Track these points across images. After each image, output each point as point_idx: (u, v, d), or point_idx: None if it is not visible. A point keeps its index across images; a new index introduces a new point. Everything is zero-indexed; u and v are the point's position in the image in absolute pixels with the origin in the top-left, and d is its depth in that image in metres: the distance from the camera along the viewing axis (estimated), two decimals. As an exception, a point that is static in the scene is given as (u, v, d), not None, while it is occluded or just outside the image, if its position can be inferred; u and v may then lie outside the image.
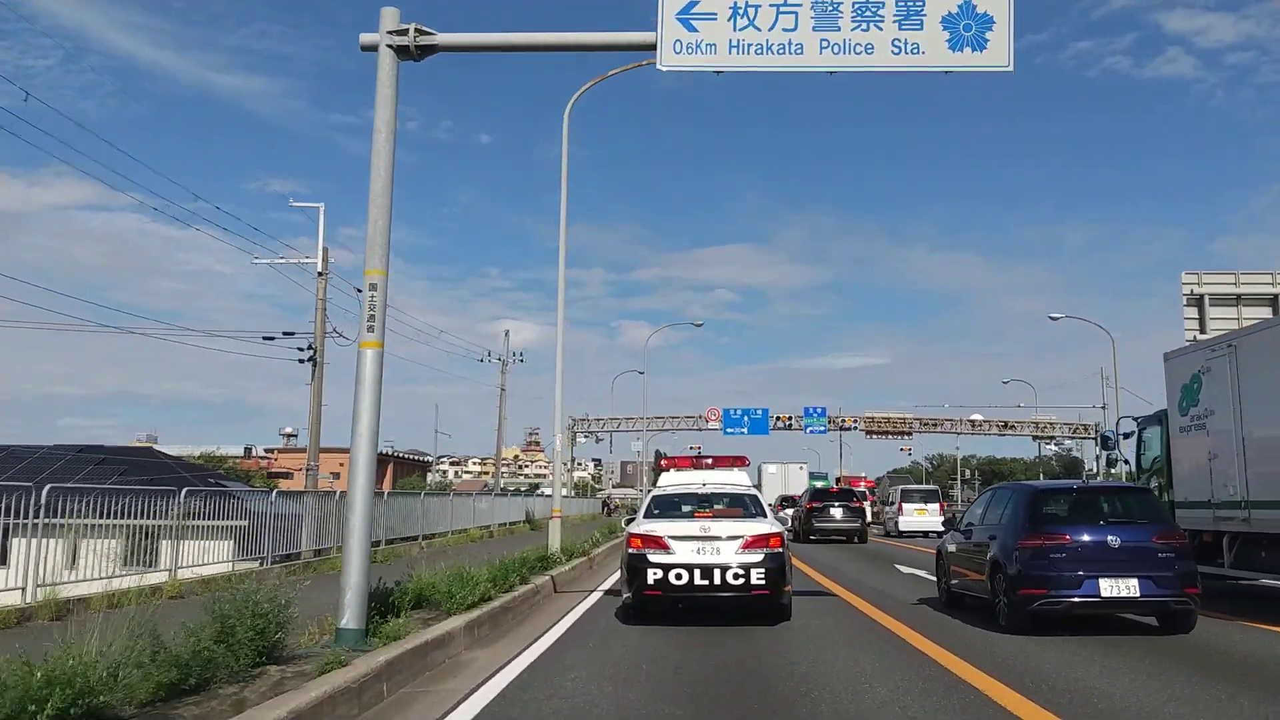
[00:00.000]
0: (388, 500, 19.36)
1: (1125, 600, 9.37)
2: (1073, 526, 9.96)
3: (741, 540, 9.59)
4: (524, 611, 10.42)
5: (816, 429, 64.67)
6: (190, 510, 12.59)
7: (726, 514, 10.59)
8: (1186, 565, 9.64)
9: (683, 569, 9.41)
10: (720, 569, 9.41)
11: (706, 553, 9.53)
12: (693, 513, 10.66)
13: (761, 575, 9.39)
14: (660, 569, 9.44)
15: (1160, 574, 9.42)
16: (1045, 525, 10.00)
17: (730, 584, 9.37)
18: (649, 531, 9.78)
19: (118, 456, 35.42)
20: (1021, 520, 10.15)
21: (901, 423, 66.41)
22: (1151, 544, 9.65)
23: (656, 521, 10.18)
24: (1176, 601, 9.49)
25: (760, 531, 9.72)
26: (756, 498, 11.26)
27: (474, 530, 25.67)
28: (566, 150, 16.90)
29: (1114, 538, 9.63)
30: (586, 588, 13.68)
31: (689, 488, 11.57)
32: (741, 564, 9.43)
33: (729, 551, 9.52)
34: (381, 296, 7.72)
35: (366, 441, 7.45)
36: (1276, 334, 11.69)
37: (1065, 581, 9.41)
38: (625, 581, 9.83)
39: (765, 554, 9.51)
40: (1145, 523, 10.03)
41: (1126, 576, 9.35)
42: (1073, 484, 12.73)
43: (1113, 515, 10.25)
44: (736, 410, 62.84)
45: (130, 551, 11.58)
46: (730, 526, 9.82)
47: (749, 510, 10.77)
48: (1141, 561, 9.46)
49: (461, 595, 8.50)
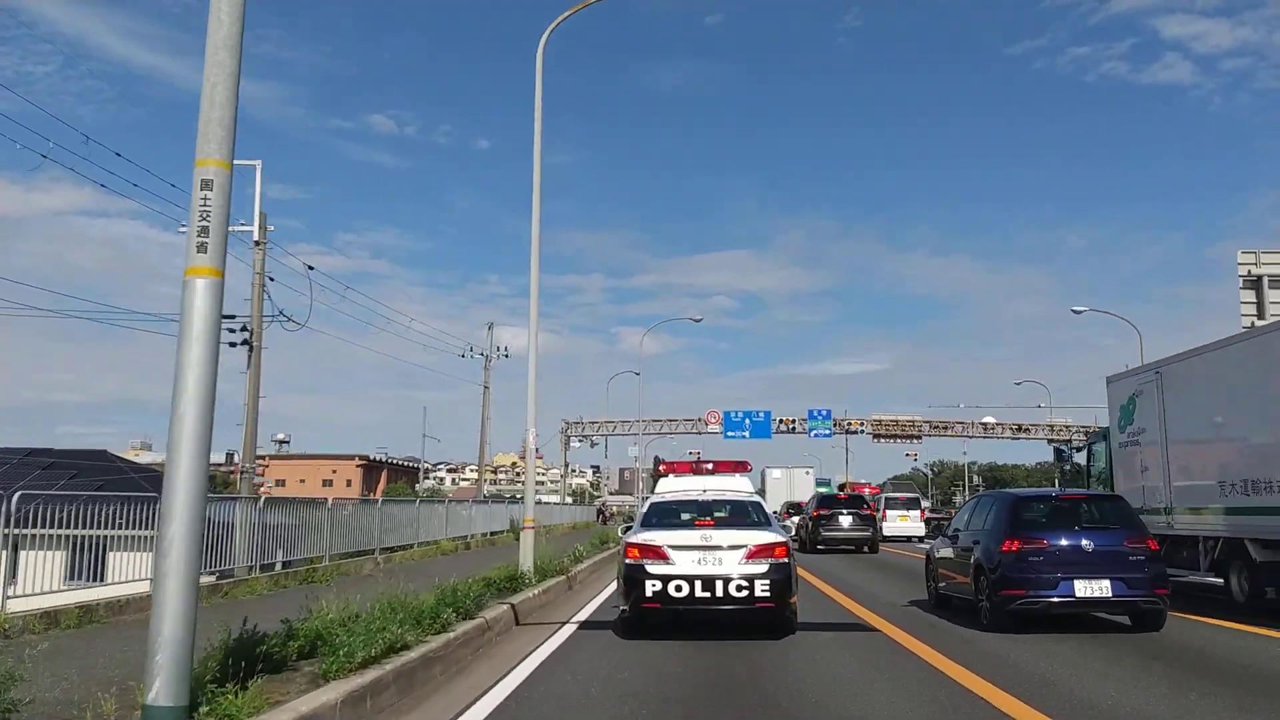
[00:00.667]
0: (331, 510, 16.50)
1: (1098, 600, 10.15)
2: (1050, 531, 10.70)
3: (745, 550, 9.36)
4: (462, 660, 7.88)
5: (821, 432, 61.94)
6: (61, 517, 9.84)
7: (728, 522, 10.36)
8: (1156, 568, 10.38)
9: (683, 580, 9.19)
10: (722, 580, 9.16)
11: (708, 563, 9.30)
12: (693, 521, 10.39)
13: (766, 587, 9.13)
14: (659, 580, 9.20)
15: (1131, 576, 10.18)
16: (1024, 530, 10.69)
17: (733, 596, 9.10)
18: (647, 541, 9.55)
19: (67, 460, 32.85)
20: (1003, 526, 10.90)
21: (910, 425, 63.61)
22: (1123, 548, 10.40)
23: (655, 530, 9.88)
24: (1146, 602, 10.23)
25: (764, 541, 9.49)
26: (760, 505, 11.04)
27: (446, 542, 22.82)
28: (540, 91, 14.27)
29: (1088, 542, 10.46)
30: (558, 617, 11.26)
31: (689, 495, 11.38)
32: (745, 575, 9.19)
33: (731, 562, 9.29)
34: (220, 200, 5.21)
35: (195, 413, 4.93)
36: (1193, 364, 13.60)
37: (1043, 583, 10.17)
38: (622, 593, 9.53)
39: (770, 564, 9.28)
40: (1117, 528, 10.80)
41: (1100, 578, 10.12)
42: (1051, 492, 13.89)
43: (1087, 521, 11.14)
44: (737, 413, 60.13)
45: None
46: (733, 535, 9.58)
47: (752, 519, 10.53)
48: (1114, 564, 10.22)
49: (351, 647, 5.65)
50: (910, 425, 63.83)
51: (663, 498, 11.40)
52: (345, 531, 16.77)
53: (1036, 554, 10.37)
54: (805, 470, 49.35)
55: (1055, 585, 10.15)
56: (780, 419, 61.61)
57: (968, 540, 11.82)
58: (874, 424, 63.89)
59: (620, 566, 9.68)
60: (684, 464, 13.78)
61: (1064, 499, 12.06)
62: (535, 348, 14.51)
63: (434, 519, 23.00)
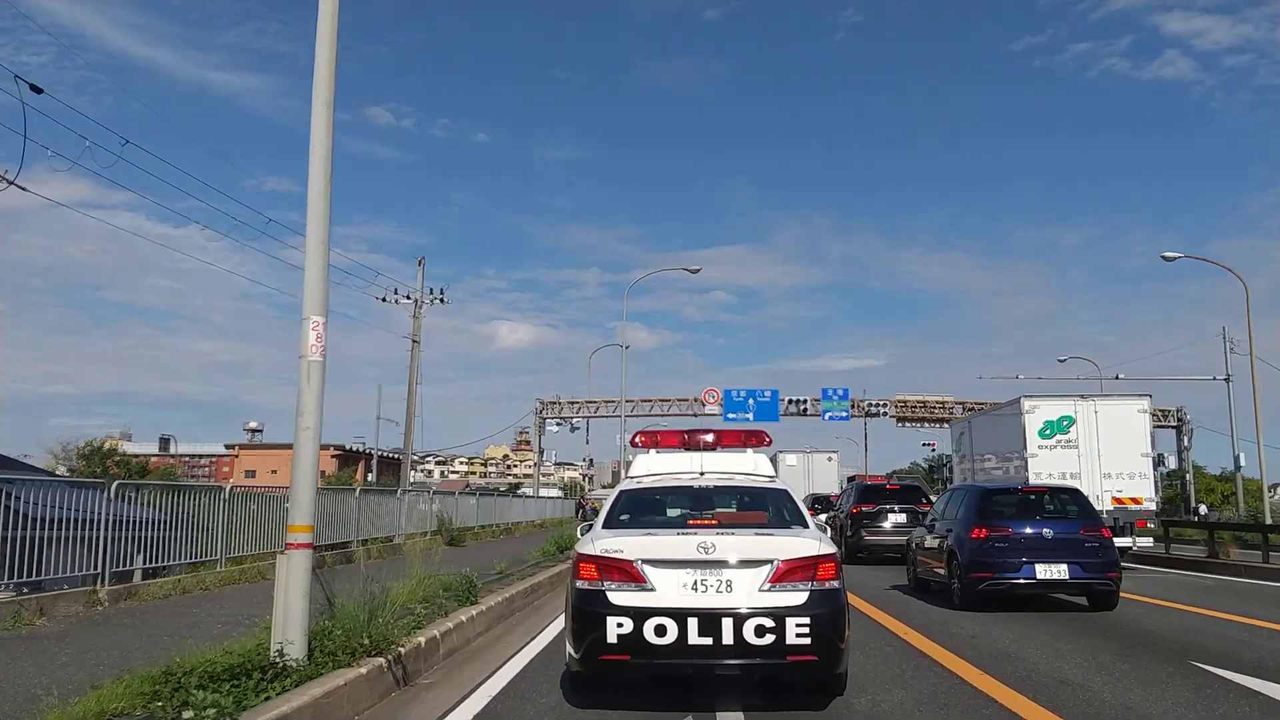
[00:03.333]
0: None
1: (1056, 582, 11.98)
2: (1014, 520, 12.55)
3: (769, 568, 6.31)
4: None
5: (837, 414, 55.19)
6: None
7: (741, 523, 7.27)
8: (1109, 554, 12.27)
9: (668, 618, 6.13)
10: (733, 618, 6.14)
11: (708, 589, 6.27)
12: (685, 520, 7.34)
13: (804, 628, 6.11)
14: (630, 617, 6.19)
15: (1086, 560, 11.98)
16: (992, 519, 12.54)
17: (749, 644, 6.08)
18: (611, 552, 6.46)
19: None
20: (972, 515, 12.70)
21: (940, 407, 56.48)
22: (1079, 535, 12.29)
23: (625, 535, 6.78)
24: (1099, 584, 12.08)
25: (801, 553, 6.42)
26: (789, 496, 7.85)
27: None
28: None
29: (1048, 530, 12.29)
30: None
31: (679, 479, 8.09)
32: (769, 610, 6.16)
33: (747, 587, 6.28)
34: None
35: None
36: (980, 420, 27.02)
37: (1007, 566, 11.97)
38: (571, 635, 6.56)
39: (811, 591, 6.27)
40: (1075, 518, 12.80)
41: (1058, 562, 11.88)
42: (1016, 485, 15.22)
43: (1048, 511, 13.01)
44: (740, 392, 54.46)
45: None
46: (748, 544, 6.48)
47: (779, 516, 7.51)
48: (1070, 550, 12.05)
49: None
50: (940, 406, 56.60)
51: (639, 483, 8.03)
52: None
53: (1002, 540, 12.16)
54: (828, 455, 41.03)
55: (1019, 569, 11.90)
56: (789, 399, 52.91)
57: (942, 529, 13.59)
58: (898, 405, 57.44)
59: (569, 592, 6.70)
60: (670, 434, 9.21)
61: (1028, 491, 13.89)
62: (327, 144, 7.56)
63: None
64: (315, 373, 6.95)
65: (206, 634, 8.31)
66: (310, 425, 6.91)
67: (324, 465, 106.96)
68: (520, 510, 39.02)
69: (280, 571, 6.97)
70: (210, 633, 8.47)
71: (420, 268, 34.75)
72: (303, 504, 6.99)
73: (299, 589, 6.85)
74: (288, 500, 15.31)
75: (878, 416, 59.31)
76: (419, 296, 34.27)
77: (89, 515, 11.42)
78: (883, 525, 22.34)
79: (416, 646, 7.84)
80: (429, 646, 8.16)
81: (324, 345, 7.05)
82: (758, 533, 6.87)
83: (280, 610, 6.86)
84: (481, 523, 30.98)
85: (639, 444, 9.11)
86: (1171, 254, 36.19)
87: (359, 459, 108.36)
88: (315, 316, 7.02)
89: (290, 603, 6.83)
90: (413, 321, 34.28)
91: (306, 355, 6.94)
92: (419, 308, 34.31)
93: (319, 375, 6.95)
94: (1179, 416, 57.13)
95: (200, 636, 7.87)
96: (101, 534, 11.41)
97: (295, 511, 6.98)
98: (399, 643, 7.48)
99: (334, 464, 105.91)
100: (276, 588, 6.95)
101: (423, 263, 35.19)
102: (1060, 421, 23.24)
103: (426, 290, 34.52)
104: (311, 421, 6.97)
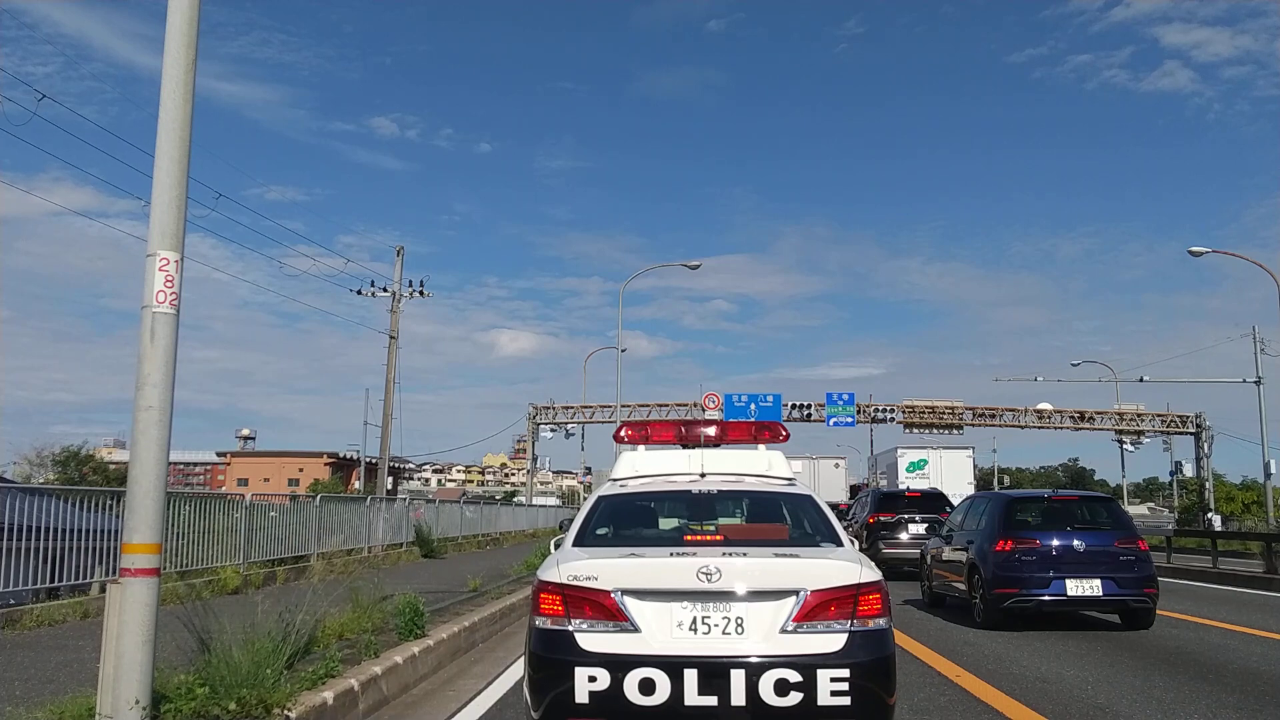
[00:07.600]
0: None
1: (1089, 599, 11.02)
2: (1042, 532, 11.49)
3: (794, 601, 4.79)
4: None
5: (842, 420, 53.63)
6: None
7: (754, 538, 5.62)
8: (1145, 568, 11.30)
9: (658, 669, 4.64)
10: (745, 670, 4.62)
11: (712, 629, 4.79)
12: (681, 536, 5.72)
13: (842, 683, 4.61)
14: (605, 668, 4.70)
15: (1121, 575, 11.03)
16: (1017, 531, 11.57)
17: (768, 704, 4.56)
18: (582, 579, 4.94)
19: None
20: (996, 526, 11.73)
21: (950, 413, 54.86)
22: (1114, 548, 11.26)
23: (601, 556, 5.25)
24: (1136, 600, 11.13)
25: (836, 581, 4.90)
26: (814, 502, 6.20)
27: (230, 570, 12.10)
28: None
29: (1079, 542, 11.23)
30: None
31: (673, 482, 6.42)
32: (795, 658, 4.66)
33: (764, 627, 4.78)
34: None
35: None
36: (884, 456, 48.18)
37: (1035, 582, 10.98)
38: (529, 688, 5.06)
39: (850, 633, 4.76)
40: (1109, 529, 11.69)
41: (1091, 577, 10.90)
42: (1044, 493, 13.80)
43: (1079, 522, 11.86)
44: (741, 397, 53.17)
45: None
46: (765, 568, 4.97)
47: (803, 530, 5.90)
48: (1104, 564, 11.07)
49: None
50: (949, 412, 54.65)
51: (623, 487, 6.36)
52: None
53: (1029, 553, 11.20)
54: (834, 462, 39.19)
55: (1048, 584, 10.95)
56: (792, 403, 51.01)
57: (961, 540, 12.71)
58: (906, 410, 55.93)
59: (529, 632, 5.18)
60: (664, 426, 7.21)
61: (1056, 500, 12.73)
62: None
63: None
64: (163, 329, 5.09)
65: (75, 677, 6.42)
66: (155, 404, 4.99)
67: (317, 473, 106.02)
68: (510, 519, 37.18)
69: (111, 608, 5.02)
70: (80, 675, 6.52)
71: (399, 259, 32.92)
72: (144, 514, 5.00)
73: (138, 633, 4.96)
74: (238, 499, 13.35)
75: (884, 423, 58.81)
76: (396, 290, 32.46)
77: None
78: (902, 537, 20.49)
79: (319, 706, 5.74)
80: (340, 703, 6.06)
81: (177, 293, 5.17)
82: (777, 553, 5.24)
83: (110, 664, 4.97)
84: (467, 533, 29.35)
85: (625, 438, 7.29)
86: (1199, 248, 35.01)
87: (354, 467, 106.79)
88: (165, 252, 5.15)
89: (124, 652, 4.94)
90: (390, 316, 32.39)
91: (150, 305, 5.07)
92: (396, 301, 32.40)
93: (168, 333, 5.08)
94: (1197, 423, 55.92)
95: (55, 687, 6.04)
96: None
97: (133, 525, 4.99)
98: (290, 703, 5.48)
99: (327, 472, 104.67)
100: (106, 631, 5.05)
101: (401, 253, 33.26)
102: (920, 462, 36.23)
103: (405, 283, 32.79)
104: (156, 399, 5.02)
